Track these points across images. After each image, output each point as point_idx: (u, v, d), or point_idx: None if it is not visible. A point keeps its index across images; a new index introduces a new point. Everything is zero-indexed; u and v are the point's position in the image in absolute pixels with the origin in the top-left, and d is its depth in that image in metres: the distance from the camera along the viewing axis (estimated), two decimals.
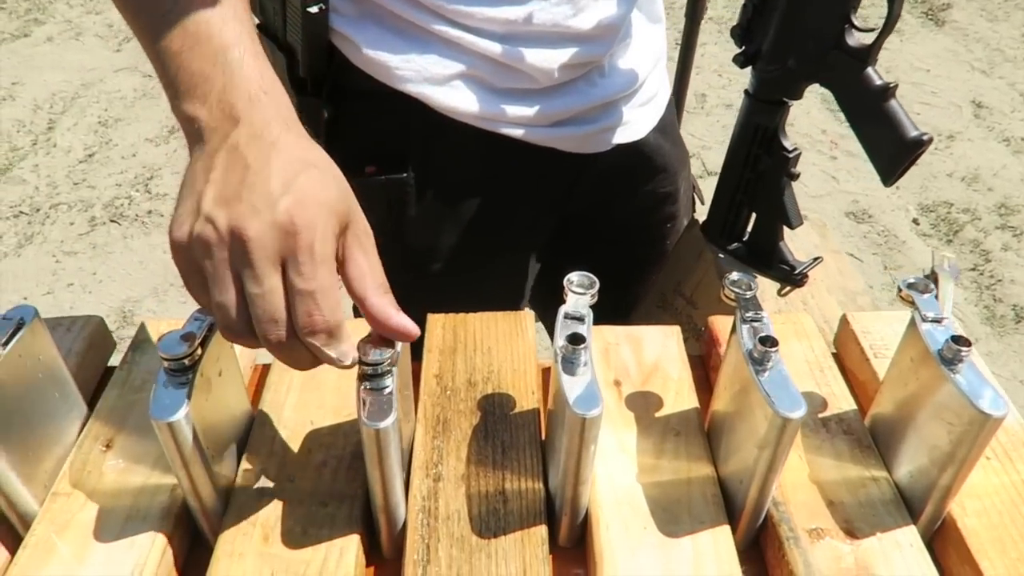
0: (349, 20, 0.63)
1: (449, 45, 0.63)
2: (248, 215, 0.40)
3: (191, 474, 0.44)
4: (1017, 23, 3.29)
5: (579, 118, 0.71)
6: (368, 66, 0.63)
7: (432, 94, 0.64)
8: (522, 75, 0.66)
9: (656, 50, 0.77)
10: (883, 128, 0.62)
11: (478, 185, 0.72)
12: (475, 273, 0.75)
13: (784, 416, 0.42)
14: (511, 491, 0.49)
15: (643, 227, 0.86)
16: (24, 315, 0.47)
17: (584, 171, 0.75)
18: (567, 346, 0.44)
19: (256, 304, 0.40)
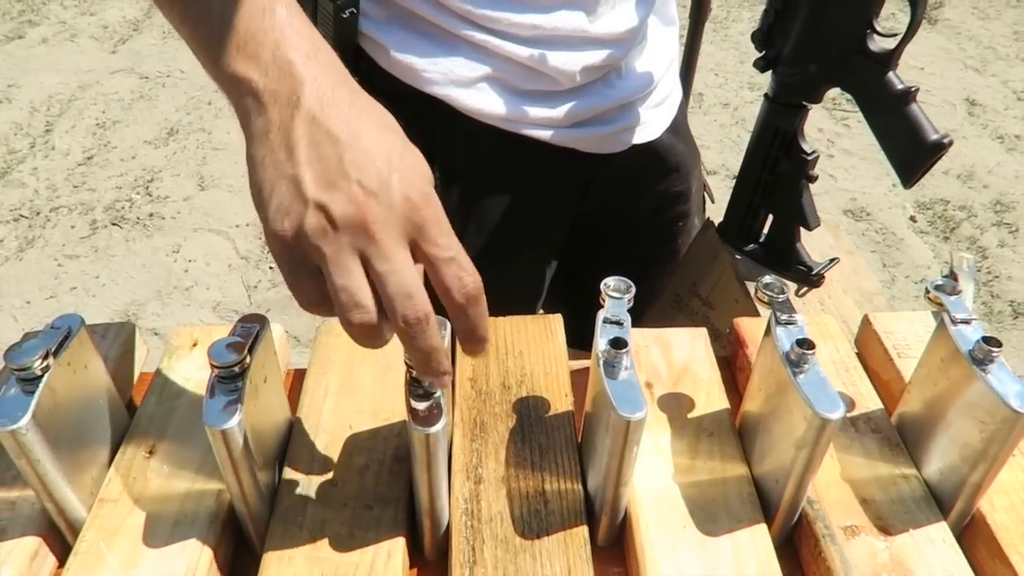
0: (377, 24, 0.64)
1: (475, 48, 0.64)
2: (365, 197, 0.39)
3: (240, 480, 0.45)
4: (1008, 21, 3.32)
5: (598, 119, 0.72)
6: (396, 68, 0.64)
7: (458, 96, 0.65)
8: (545, 77, 0.67)
9: (670, 52, 0.79)
10: (904, 131, 0.64)
11: (500, 184, 0.73)
12: (495, 271, 0.76)
13: (824, 417, 0.43)
14: (551, 492, 0.50)
15: (656, 225, 0.87)
16: (71, 324, 0.47)
17: (600, 171, 0.77)
18: (609, 350, 0.45)
19: (389, 282, 0.39)
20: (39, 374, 0.44)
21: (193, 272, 1.94)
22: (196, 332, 0.61)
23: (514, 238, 0.75)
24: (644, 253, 0.88)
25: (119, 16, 3.24)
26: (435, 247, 0.40)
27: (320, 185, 0.39)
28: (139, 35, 3.11)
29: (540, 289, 0.83)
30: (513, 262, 0.77)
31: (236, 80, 0.41)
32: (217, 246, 2.02)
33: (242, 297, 1.88)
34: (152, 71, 2.85)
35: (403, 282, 0.39)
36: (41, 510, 0.48)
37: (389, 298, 0.39)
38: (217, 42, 0.42)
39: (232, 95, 0.43)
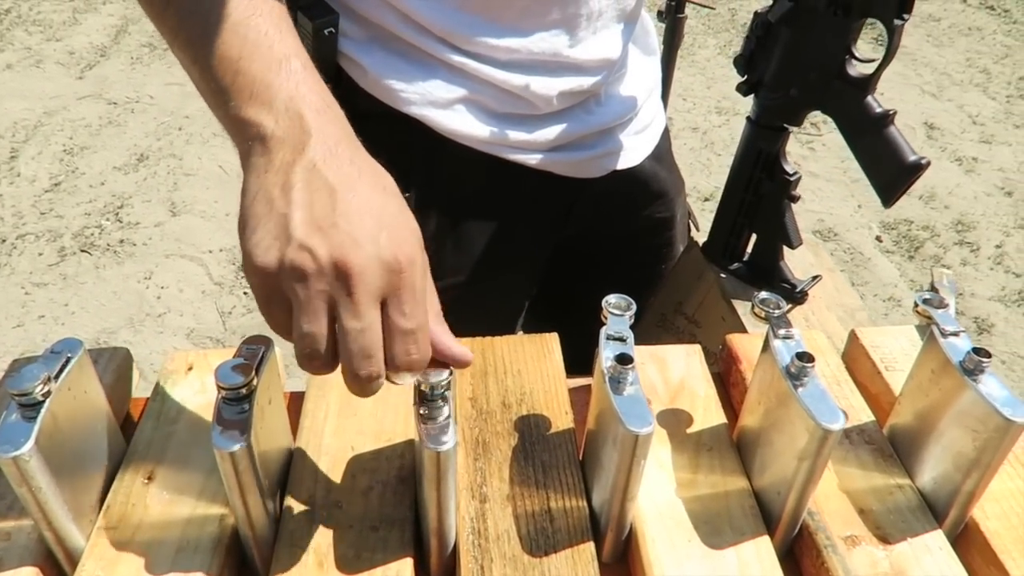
0: (357, 44, 0.64)
1: (453, 71, 0.65)
2: (350, 246, 0.39)
3: (247, 503, 0.45)
4: (961, 49, 3.45)
5: (576, 144, 0.74)
6: (374, 89, 0.65)
7: (435, 117, 0.66)
8: (522, 101, 0.68)
9: (650, 81, 0.80)
10: (883, 152, 0.66)
11: (478, 206, 0.74)
12: (472, 291, 0.76)
13: (826, 428, 0.44)
14: (556, 510, 0.50)
15: (641, 250, 0.88)
16: (71, 348, 0.47)
17: (581, 195, 0.78)
18: (615, 366, 0.46)
19: (353, 339, 0.39)
20: (40, 399, 0.43)
21: (166, 299, 1.91)
22: (191, 356, 0.60)
23: (492, 259, 0.76)
24: (628, 277, 0.89)
25: (86, 42, 3.20)
26: (401, 316, 0.41)
27: (309, 227, 0.40)
28: (106, 61, 3.08)
29: (519, 311, 0.84)
30: (492, 283, 0.78)
31: (246, 123, 0.43)
32: (190, 272, 1.99)
33: (216, 323, 1.86)
34: (120, 97, 2.82)
35: (366, 343, 0.40)
36: (38, 539, 0.47)
37: (348, 353, 0.40)
38: (230, 87, 0.44)
39: (238, 136, 0.44)
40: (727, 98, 2.99)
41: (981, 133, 2.85)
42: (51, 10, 3.43)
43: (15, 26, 3.29)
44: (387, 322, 0.41)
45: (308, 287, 0.39)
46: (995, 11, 3.76)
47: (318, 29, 0.60)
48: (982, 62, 3.33)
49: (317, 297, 0.39)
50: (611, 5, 0.66)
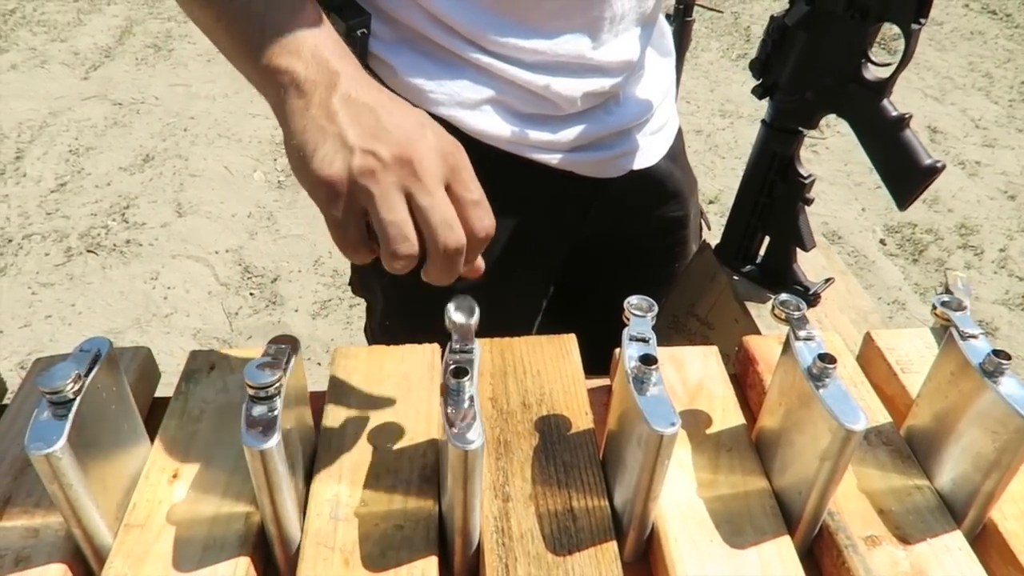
0: (387, 44, 0.65)
1: (480, 72, 0.66)
2: (407, 142, 0.45)
3: (275, 502, 0.45)
4: (963, 53, 3.46)
5: (596, 144, 0.74)
6: (403, 89, 0.66)
7: (463, 117, 0.67)
8: (547, 102, 0.69)
9: (666, 83, 0.81)
10: (898, 156, 0.66)
11: (501, 205, 0.74)
12: (494, 290, 0.77)
13: (848, 428, 0.44)
14: (579, 509, 0.50)
15: (654, 250, 0.89)
16: (100, 347, 0.47)
17: (599, 195, 0.78)
18: (640, 366, 0.46)
19: (433, 214, 0.45)
20: (71, 397, 0.44)
21: (172, 299, 1.91)
22: (213, 355, 0.60)
23: (513, 259, 0.77)
24: (642, 277, 0.89)
25: (90, 43, 3.21)
26: (467, 190, 0.47)
27: (365, 137, 0.45)
28: (111, 62, 3.08)
29: (537, 309, 0.84)
30: (511, 282, 0.78)
31: (279, 71, 0.48)
32: (196, 273, 1.99)
33: (223, 324, 1.86)
34: (125, 98, 2.82)
35: (445, 214, 0.45)
36: (65, 536, 0.47)
37: (432, 228, 0.45)
38: (259, 39, 0.48)
39: (270, 84, 0.48)
40: (730, 101, 3.00)
41: (984, 137, 2.86)
42: (55, 11, 3.44)
43: (20, 27, 3.30)
44: (457, 200, 0.46)
45: (380, 182, 0.44)
46: (997, 15, 3.77)
47: (351, 30, 0.61)
48: (984, 66, 3.34)
49: (391, 188, 0.45)
50: (633, 8, 0.67)
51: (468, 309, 0.48)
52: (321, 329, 1.86)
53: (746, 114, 2.93)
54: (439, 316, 0.56)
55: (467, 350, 0.47)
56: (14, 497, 0.50)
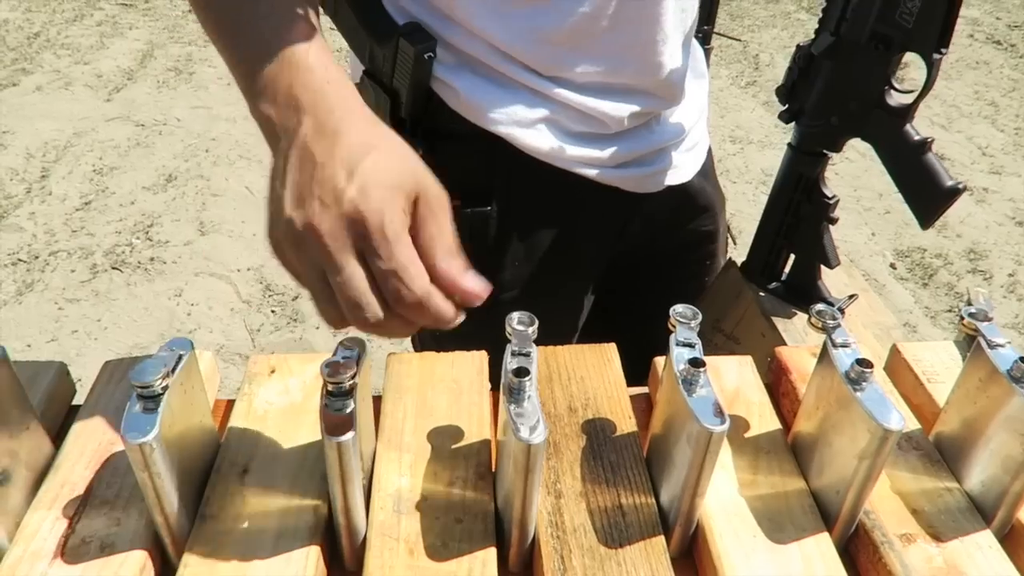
0: (449, 68, 0.69)
1: (535, 94, 0.71)
2: (319, 212, 0.45)
3: (346, 493, 0.48)
4: (969, 82, 3.51)
5: (638, 161, 0.79)
6: (464, 109, 0.70)
7: (518, 135, 0.71)
8: (596, 121, 0.73)
9: (701, 102, 0.85)
10: (921, 178, 0.70)
11: (550, 219, 0.79)
12: (539, 302, 0.80)
13: (887, 428, 0.47)
14: (627, 505, 0.53)
15: (686, 263, 0.92)
16: (183, 347, 0.50)
17: (637, 210, 0.82)
18: (689, 368, 0.49)
19: (341, 291, 0.45)
20: (160, 392, 0.47)
21: (196, 315, 1.95)
22: (273, 360, 0.64)
23: (558, 271, 0.80)
24: (673, 289, 0.93)
25: (113, 65, 3.28)
26: (376, 259, 0.45)
27: (293, 202, 0.46)
28: (133, 84, 3.16)
29: (577, 322, 0.88)
30: (556, 294, 0.82)
31: (263, 118, 0.50)
32: (219, 290, 2.03)
33: (245, 340, 1.89)
34: (148, 119, 2.89)
35: (352, 292, 0.45)
36: (145, 525, 0.50)
37: (344, 305, 0.46)
38: (249, 89, 0.51)
39: (262, 129, 0.51)
40: (740, 127, 3.05)
41: (991, 164, 2.90)
42: (79, 34, 3.52)
43: (44, 49, 3.38)
44: (369, 270, 0.45)
45: (299, 258, 0.46)
46: (1002, 45, 3.84)
47: (419, 54, 0.65)
48: (990, 95, 3.39)
49: (305, 263, 0.46)
50: (676, 28, 0.71)
51: (528, 319, 0.51)
52: None
53: (756, 140, 2.98)
54: (488, 324, 0.59)
55: (526, 353, 0.50)
56: (95, 489, 0.53)
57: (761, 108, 3.21)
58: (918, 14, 0.66)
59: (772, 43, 3.76)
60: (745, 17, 4.02)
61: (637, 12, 0.67)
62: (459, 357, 0.64)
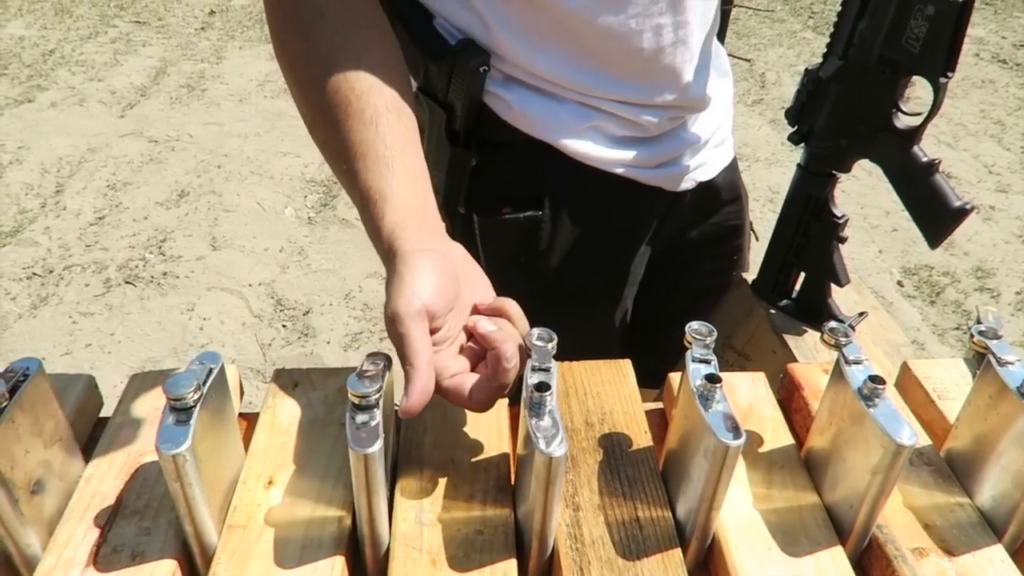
0: (500, 82, 0.72)
1: (580, 105, 0.74)
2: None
3: (371, 504, 0.49)
4: (975, 101, 3.53)
5: (675, 159, 0.81)
6: (517, 120, 0.73)
7: (567, 142, 0.74)
8: (637, 126, 0.76)
9: (727, 100, 0.87)
10: (929, 199, 0.71)
11: (596, 221, 0.81)
12: (586, 302, 0.84)
13: (900, 443, 0.48)
14: (644, 519, 0.54)
15: (714, 257, 0.94)
16: (213, 360, 0.52)
17: (673, 206, 0.85)
18: (705, 384, 0.51)
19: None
20: (192, 405, 0.48)
21: (208, 330, 1.97)
22: (296, 374, 0.65)
23: (605, 270, 0.84)
24: (699, 285, 0.95)
25: (127, 82, 3.33)
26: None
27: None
28: (147, 100, 3.20)
29: (623, 319, 0.89)
30: (604, 294, 0.85)
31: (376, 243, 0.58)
32: (231, 304, 2.05)
33: (257, 355, 1.91)
34: (161, 135, 2.92)
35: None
36: (174, 535, 0.52)
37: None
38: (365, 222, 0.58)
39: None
40: (747, 144, 3.08)
41: (997, 183, 2.91)
42: (93, 51, 3.58)
43: (59, 66, 3.43)
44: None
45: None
46: (1007, 65, 3.86)
47: (474, 68, 0.68)
48: (996, 114, 3.41)
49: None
50: (698, 45, 0.73)
51: (547, 335, 0.53)
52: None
53: (763, 157, 3.00)
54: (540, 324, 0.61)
55: (546, 368, 0.52)
56: (125, 499, 0.54)
57: (768, 126, 3.23)
58: (924, 39, 0.67)
59: (778, 62, 3.79)
60: (752, 36, 4.05)
61: (670, 39, 0.70)
62: None
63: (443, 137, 0.74)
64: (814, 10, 4.42)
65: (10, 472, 0.48)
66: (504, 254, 0.80)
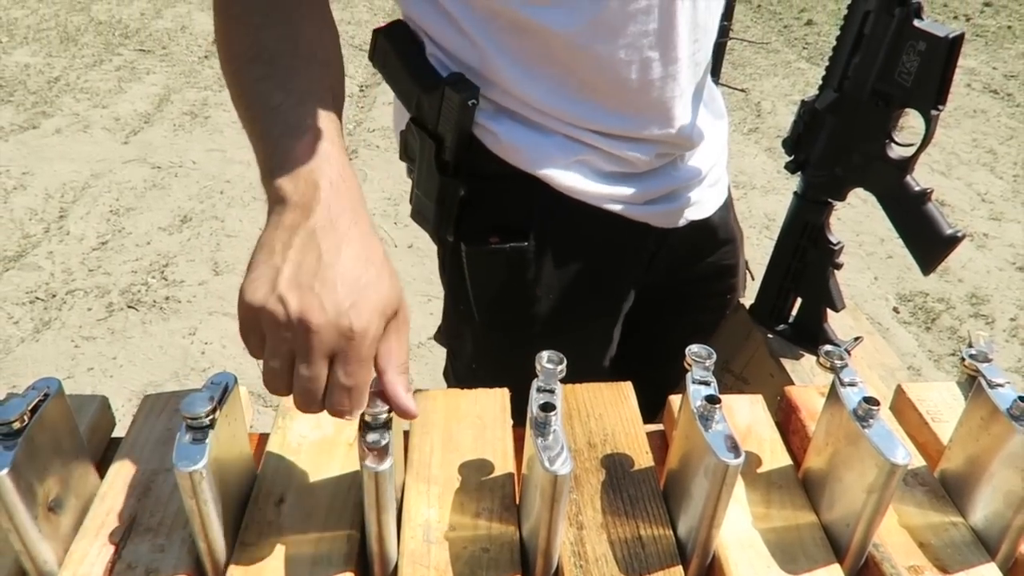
0: (489, 114, 0.74)
1: (568, 139, 0.76)
2: (317, 308, 0.48)
3: (381, 521, 0.51)
4: (967, 130, 3.59)
5: (665, 197, 0.83)
6: (504, 151, 0.75)
7: (554, 175, 0.76)
8: (625, 161, 0.78)
9: (721, 141, 0.89)
10: (922, 227, 0.74)
11: (582, 254, 0.83)
12: (571, 335, 0.84)
13: (894, 462, 0.50)
14: (646, 537, 0.55)
15: (708, 295, 0.96)
16: (228, 380, 0.54)
17: (663, 244, 0.86)
18: (705, 405, 0.52)
19: (301, 383, 0.49)
20: (208, 424, 0.50)
21: (209, 354, 1.98)
22: None
23: (591, 304, 0.84)
24: (693, 322, 0.96)
25: (131, 109, 3.37)
26: (343, 373, 0.49)
27: (290, 283, 0.49)
28: (150, 127, 3.23)
29: (608, 354, 0.91)
30: (587, 328, 0.86)
31: (274, 188, 0.53)
32: (232, 329, 2.06)
33: (257, 379, 1.91)
34: (164, 161, 2.95)
35: (312, 388, 0.49)
36: (187, 552, 0.53)
37: (297, 391, 0.50)
38: (268, 159, 0.54)
39: (269, 198, 0.54)
40: (743, 172, 3.11)
41: (990, 210, 2.95)
42: (98, 79, 3.62)
43: (64, 93, 3.47)
44: (331, 375, 0.49)
45: (276, 332, 0.49)
46: (998, 95, 3.92)
47: (463, 101, 0.70)
48: (988, 143, 3.46)
49: (281, 342, 0.49)
50: (689, 83, 0.75)
51: (558, 358, 0.54)
52: None
53: (759, 185, 3.04)
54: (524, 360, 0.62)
55: (550, 389, 0.53)
56: (139, 516, 0.55)
57: (764, 154, 3.27)
58: (916, 73, 0.70)
59: (773, 91, 3.85)
60: (747, 66, 4.12)
61: (658, 73, 0.72)
62: (482, 394, 0.67)
63: (433, 167, 0.76)
64: (807, 41, 4.50)
65: (30, 489, 0.49)
66: (491, 283, 0.81)
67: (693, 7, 0.71)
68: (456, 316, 0.87)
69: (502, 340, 0.84)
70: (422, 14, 0.73)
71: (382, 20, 3.82)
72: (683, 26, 0.71)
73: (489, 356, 0.86)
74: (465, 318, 0.84)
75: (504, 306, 0.82)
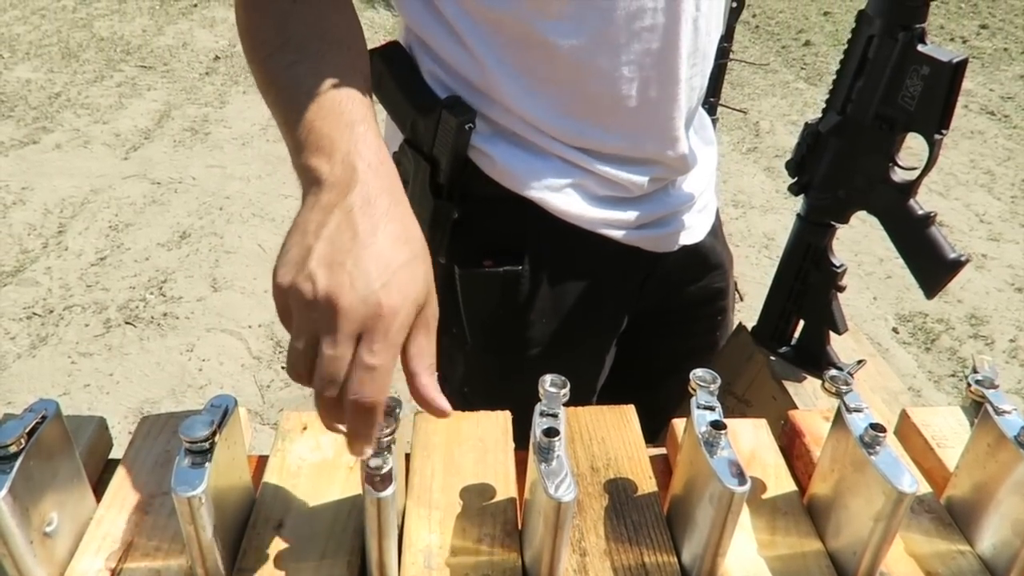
0: (485, 137, 0.74)
1: (564, 162, 0.76)
2: (346, 287, 0.46)
3: (382, 547, 0.50)
4: (965, 151, 3.61)
5: (657, 222, 0.83)
6: (499, 175, 0.75)
7: (549, 199, 0.75)
8: (619, 186, 0.78)
9: (710, 167, 0.90)
10: (925, 251, 0.73)
11: (576, 278, 0.82)
12: (564, 359, 0.84)
13: (901, 490, 0.49)
14: (650, 564, 0.55)
15: (699, 319, 0.95)
16: (228, 403, 0.53)
17: (655, 268, 0.86)
18: (711, 431, 0.52)
19: (324, 362, 0.46)
20: (208, 448, 0.49)
21: (207, 371, 1.97)
22: (304, 417, 0.66)
23: (583, 328, 0.84)
24: (686, 345, 0.96)
25: (131, 125, 3.38)
26: (367, 351, 0.46)
27: (321, 261, 0.47)
28: (150, 143, 3.24)
29: (599, 378, 0.90)
30: (579, 351, 0.85)
31: (309, 169, 0.52)
32: (230, 346, 2.06)
33: (255, 396, 1.91)
34: (164, 177, 2.96)
35: (333, 369, 0.46)
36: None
37: (318, 375, 0.47)
38: (304, 141, 0.54)
39: (303, 180, 0.53)
40: (742, 192, 3.12)
41: (989, 231, 2.96)
42: (99, 95, 3.63)
43: (64, 109, 3.48)
44: (355, 356, 0.47)
45: (303, 311, 0.47)
46: (995, 116, 3.95)
47: (460, 125, 0.70)
48: (986, 164, 3.48)
49: (307, 321, 0.47)
50: (686, 104, 0.75)
51: (561, 382, 0.54)
52: None
53: (758, 205, 3.04)
54: (515, 384, 0.62)
55: (554, 413, 0.53)
56: (136, 541, 0.55)
57: (762, 174, 3.28)
58: (919, 97, 0.70)
59: (772, 111, 3.87)
60: (745, 86, 4.14)
61: (657, 93, 0.72)
62: (484, 416, 0.67)
63: (427, 189, 0.75)
64: (806, 62, 4.53)
65: (26, 513, 0.48)
66: (484, 307, 0.80)
67: (695, 31, 0.72)
68: (448, 339, 0.86)
69: (494, 364, 0.84)
70: (424, 24, 0.73)
71: (383, 37, 3.84)
72: (684, 49, 0.71)
73: (481, 379, 0.85)
74: (457, 341, 0.83)
75: (497, 330, 0.82)
